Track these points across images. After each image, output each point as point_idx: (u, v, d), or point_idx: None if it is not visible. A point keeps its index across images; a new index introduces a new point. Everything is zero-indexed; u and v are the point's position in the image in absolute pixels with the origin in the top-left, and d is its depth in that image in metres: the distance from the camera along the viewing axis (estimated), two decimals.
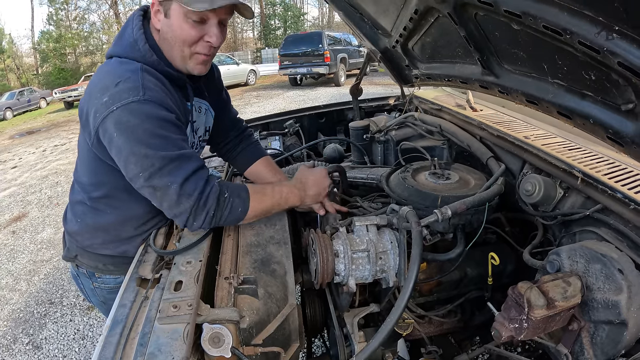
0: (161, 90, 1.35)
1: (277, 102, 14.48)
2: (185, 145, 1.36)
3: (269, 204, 1.57)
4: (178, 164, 1.31)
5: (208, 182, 1.37)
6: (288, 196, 1.64)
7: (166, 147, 1.29)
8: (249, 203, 1.48)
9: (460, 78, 2.03)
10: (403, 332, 1.66)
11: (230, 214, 1.44)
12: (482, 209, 1.60)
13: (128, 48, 1.39)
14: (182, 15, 1.34)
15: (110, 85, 1.30)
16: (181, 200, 1.33)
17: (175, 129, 1.35)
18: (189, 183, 1.32)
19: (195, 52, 1.44)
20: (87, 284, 1.78)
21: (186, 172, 1.32)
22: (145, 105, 1.27)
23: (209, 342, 1.12)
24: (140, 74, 1.32)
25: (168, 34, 1.40)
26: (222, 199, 1.40)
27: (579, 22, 1.04)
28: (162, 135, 1.30)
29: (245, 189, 1.49)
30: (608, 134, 1.25)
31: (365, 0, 2.34)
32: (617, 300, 1.15)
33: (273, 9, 45.98)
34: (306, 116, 3.70)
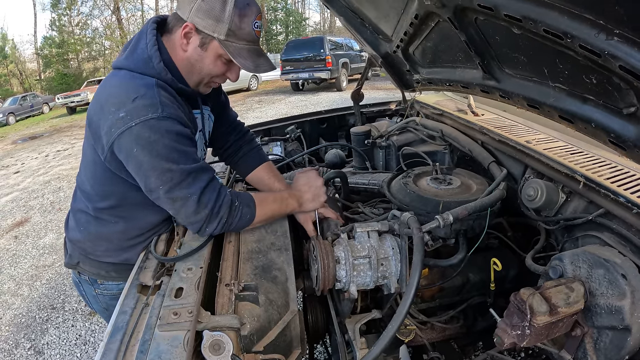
0: (176, 106, 1.39)
1: (279, 108, 14.50)
2: (197, 157, 1.44)
3: (271, 211, 1.64)
4: (195, 175, 1.38)
5: (220, 192, 1.45)
6: (288, 202, 1.69)
7: (184, 160, 1.36)
8: (256, 211, 1.55)
9: (461, 83, 2.02)
10: (405, 339, 1.66)
11: (240, 220, 1.52)
12: (484, 214, 1.60)
13: (141, 64, 1.40)
14: (218, 54, 1.44)
15: (126, 101, 1.31)
16: (199, 210, 1.40)
17: (190, 143, 1.42)
18: (205, 194, 1.40)
19: (213, 81, 1.57)
20: (90, 290, 1.78)
21: (202, 184, 1.40)
22: (164, 122, 1.32)
23: (210, 349, 1.11)
24: (157, 90, 1.35)
25: (197, 62, 1.47)
26: (233, 208, 1.47)
27: (580, 26, 1.04)
28: (180, 149, 1.36)
29: (251, 198, 1.56)
30: (610, 137, 1.24)
31: (366, 6, 2.34)
32: (621, 306, 1.14)
33: (275, 14, 46.11)
34: (308, 121, 3.70)
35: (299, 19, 46.61)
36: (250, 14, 1.39)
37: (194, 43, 1.43)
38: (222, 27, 1.36)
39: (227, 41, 1.39)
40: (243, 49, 1.42)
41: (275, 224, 1.76)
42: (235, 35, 1.39)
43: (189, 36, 1.42)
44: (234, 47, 1.41)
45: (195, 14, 1.37)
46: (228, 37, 1.38)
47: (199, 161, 1.42)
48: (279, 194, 1.73)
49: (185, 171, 1.36)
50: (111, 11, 38.23)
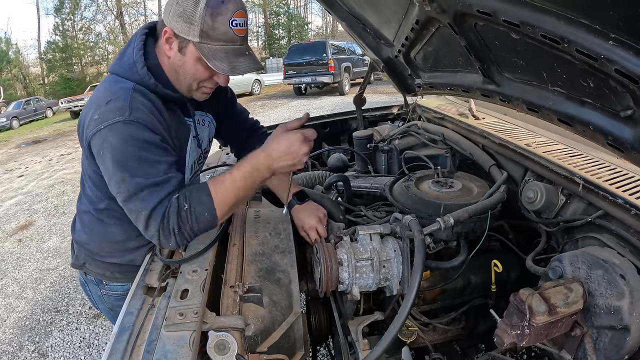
0: (150, 112, 1.36)
1: (282, 112, 14.53)
2: (165, 167, 1.36)
3: (234, 194, 1.41)
4: (150, 191, 1.31)
5: (171, 204, 1.34)
6: (253, 175, 1.42)
7: (143, 172, 1.31)
8: (214, 204, 1.37)
9: (462, 87, 2.04)
10: (407, 340, 1.67)
11: (198, 223, 1.37)
12: (484, 216, 1.61)
13: (127, 68, 1.41)
14: (196, 57, 1.39)
15: (102, 103, 1.33)
16: (149, 225, 1.33)
17: (158, 151, 1.35)
18: (156, 210, 1.32)
19: (203, 86, 1.51)
20: (95, 291, 1.80)
21: (155, 201, 1.31)
22: (129, 126, 1.29)
23: (215, 349, 1.13)
24: (131, 94, 1.34)
25: (179, 68, 1.44)
26: (182, 214, 1.34)
27: (576, 31, 1.06)
28: (142, 157, 1.31)
29: (206, 191, 1.37)
30: (608, 140, 1.26)
31: (368, 11, 2.37)
32: (620, 306, 1.16)
33: (277, 18, 46.20)
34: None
35: (301, 23, 46.65)
36: (225, 12, 1.32)
37: (175, 48, 1.40)
38: (195, 28, 1.32)
39: (201, 43, 1.34)
40: (219, 50, 1.36)
41: (279, 227, 1.78)
42: (209, 37, 1.33)
43: (170, 41, 1.40)
44: (209, 48, 1.35)
45: (172, 18, 1.35)
46: (202, 38, 1.33)
47: (162, 174, 1.34)
48: (237, 170, 1.42)
49: (140, 186, 1.30)
50: (114, 16, 38.44)
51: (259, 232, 1.74)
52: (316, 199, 2.00)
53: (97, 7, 37.77)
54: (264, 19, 46.53)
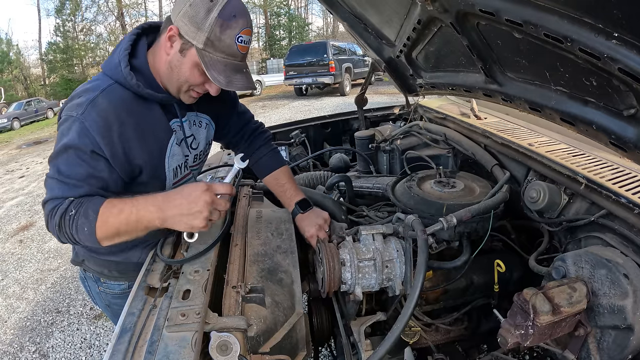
0: (108, 116, 1.34)
1: (283, 112, 14.54)
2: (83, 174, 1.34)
3: (115, 224, 1.33)
4: (57, 182, 1.35)
5: (62, 202, 1.34)
6: (141, 214, 1.34)
7: (64, 166, 1.34)
8: (96, 223, 1.31)
9: (464, 87, 2.04)
10: (410, 340, 1.67)
11: (78, 233, 1.33)
12: (487, 216, 1.61)
13: (113, 68, 1.41)
14: (195, 62, 1.38)
15: (74, 96, 1.38)
16: (43, 208, 1.38)
17: (85, 157, 1.34)
18: (51, 202, 1.35)
19: (192, 90, 1.49)
20: (94, 287, 1.82)
21: (54, 194, 1.35)
22: (75, 124, 1.31)
23: (217, 350, 1.12)
24: (97, 94, 1.35)
25: (175, 68, 1.43)
26: (66, 217, 1.32)
27: (579, 30, 1.06)
28: (70, 155, 1.34)
29: (95, 208, 1.32)
30: (611, 139, 1.25)
31: (369, 11, 2.36)
32: (623, 305, 1.16)
33: (278, 19, 46.18)
34: (312, 126, 3.71)
35: (302, 24, 46.63)
36: (234, 26, 1.33)
37: (176, 47, 1.39)
38: (201, 35, 1.32)
39: (204, 50, 1.34)
40: (219, 62, 1.36)
41: (281, 227, 1.78)
42: (214, 46, 1.34)
43: (173, 40, 1.39)
44: (210, 57, 1.36)
45: (181, 18, 1.34)
46: (206, 46, 1.34)
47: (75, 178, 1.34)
48: (131, 204, 1.35)
49: (54, 174, 1.35)
50: (115, 17, 38.47)
51: (261, 232, 1.74)
52: (318, 200, 2.00)
53: (98, 8, 37.86)
54: (265, 19, 46.52)
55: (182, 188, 1.38)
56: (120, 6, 38.05)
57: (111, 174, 1.40)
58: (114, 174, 1.41)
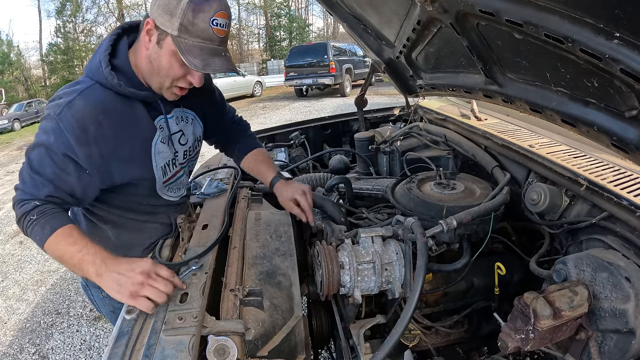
0: (85, 116, 1.34)
1: (283, 113, 14.54)
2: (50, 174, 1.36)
3: (62, 251, 1.33)
4: (29, 177, 1.37)
5: (29, 199, 1.37)
6: (83, 264, 1.31)
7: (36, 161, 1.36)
8: (47, 240, 1.33)
9: (464, 87, 2.03)
10: (409, 343, 1.66)
11: (32, 235, 1.37)
12: (487, 218, 1.60)
13: (94, 69, 1.41)
14: (172, 52, 1.36)
15: (56, 97, 1.39)
16: (13, 198, 1.42)
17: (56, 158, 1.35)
18: (20, 193, 1.39)
19: (176, 85, 1.47)
20: (97, 294, 1.78)
21: (23, 186, 1.38)
22: (51, 122, 1.33)
23: (214, 354, 1.12)
24: (75, 96, 1.35)
25: (154, 61, 1.41)
26: (27, 218, 1.35)
27: (580, 30, 1.05)
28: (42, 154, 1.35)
29: (52, 228, 1.33)
30: (612, 140, 1.24)
31: (368, 12, 2.35)
32: (625, 309, 1.15)
33: (278, 20, 46.29)
34: (312, 127, 3.71)
35: (302, 25, 46.71)
36: (207, 9, 1.31)
37: (154, 40, 1.38)
38: (175, 21, 1.30)
39: (179, 37, 1.32)
40: (195, 47, 1.34)
41: (279, 230, 1.77)
42: (188, 32, 1.32)
43: (150, 33, 1.38)
44: (185, 43, 1.33)
45: (156, 10, 1.33)
46: (180, 32, 1.31)
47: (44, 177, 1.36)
48: (85, 249, 1.32)
49: (27, 167, 1.37)
50: (115, 18, 38.59)
51: (259, 234, 1.73)
52: (317, 202, 1.99)
53: (98, 10, 38.03)
54: (265, 20, 46.64)
55: (129, 260, 1.34)
56: (121, 7, 38.19)
57: (80, 179, 1.39)
58: (83, 180, 1.40)
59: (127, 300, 1.25)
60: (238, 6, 46.99)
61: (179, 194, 1.76)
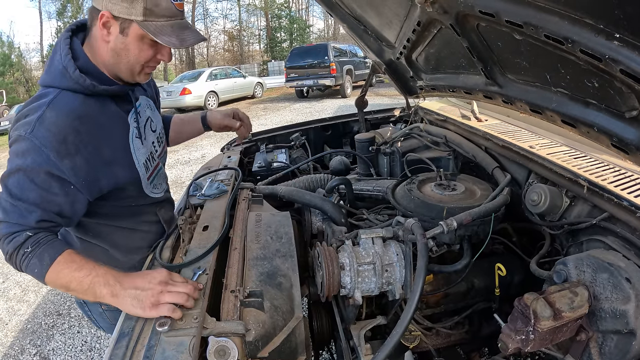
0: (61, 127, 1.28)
1: (284, 115, 14.53)
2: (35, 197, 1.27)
3: (68, 278, 1.27)
4: (11, 205, 1.27)
5: (17, 232, 1.28)
6: (95, 287, 1.26)
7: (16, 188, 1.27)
8: (48, 271, 1.26)
9: (464, 88, 2.03)
10: (410, 344, 1.66)
11: (26, 269, 1.28)
12: (488, 219, 1.60)
13: (59, 76, 1.35)
14: (140, 36, 1.34)
15: (21, 117, 1.31)
16: None
17: (39, 179, 1.27)
18: (3, 226, 1.28)
19: (147, 66, 1.46)
20: (95, 309, 1.73)
21: (8, 217, 1.27)
22: (24, 143, 1.25)
23: (215, 355, 1.12)
24: (44, 109, 1.28)
25: (122, 51, 1.38)
26: (20, 252, 1.26)
27: (580, 31, 1.05)
28: (21, 177, 1.26)
29: (51, 257, 1.26)
30: (613, 141, 1.24)
31: (368, 13, 2.36)
32: (625, 310, 1.14)
33: (279, 21, 46.26)
34: (312, 129, 3.71)
35: (303, 26, 46.68)
36: None
37: (115, 31, 1.34)
38: (138, 7, 1.28)
39: (146, 21, 1.30)
40: (165, 26, 1.33)
41: (280, 231, 1.77)
42: (153, 13, 1.30)
43: (108, 25, 1.33)
44: (155, 25, 1.31)
45: (108, 1, 1.29)
46: (146, 16, 1.29)
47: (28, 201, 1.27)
48: (91, 270, 1.27)
49: (7, 197, 1.27)
50: None
51: (260, 236, 1.73)
52: (317, 203, 1.99)
53: None
54: (266, 22, 46.63)
55: (143, 273, 1.33)
56: None
57: (67, 196, 1.33)
58: (70, 196, 1.34)
59: (150, 313, 1.21)
60: (239, 7, 47.09)
61: (162, 188, 1.74)
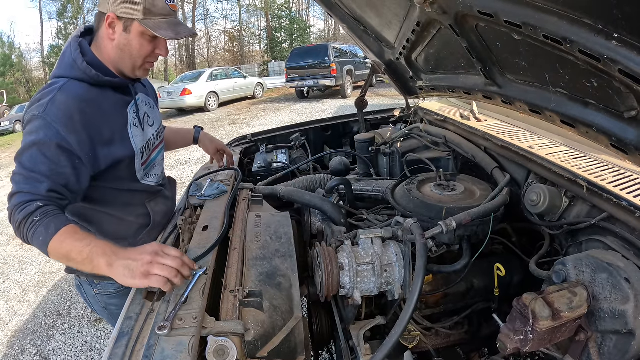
0: (69, 109, 1.47)
1: (284, 115, 14.53)
2: (45, 170, 1.41)
3: (69, 247, 1.34)
4: (24, 178, 1.41)
5: (29, 201, 1.38)
6: (93, 257, 1.32)
7: (29, 161, 1.42)
8: (52, 239, 1.34)
9: (463, 89, 2.03)
10: (409, 345, 1.66)
11: (34, 238, 1.36)
12: (487, 219, 1.60)
13: (69, 68, 1.57)
14: (141, 33, 1.56)
15: (34, 101, 1.50)
16: (9, 201, 1.44)
17: (50, 152, 1.42)
18: (17, 196, 1.41)
19: (147, 62, 1.67)
20: (89, 291, 1.86)
21: (22, 188, 1.40)
22: (37, 121, 1.43)
23: (214, 354, 1.11)
24: (55, 93, 1.48)
25: (125, 47, 1.59)
26: (29, 220, 1.36)
27: (579, 31, 1.05)
28: (34, 151, 1.42)
29: (57, 225, 1.36)
30: (612, 141, 1.24)
31: (368, 13, 2.36)
32: (624, 310, 1.14)
33: (279, 22, 46.26)
34: (312, 129, 3.71)
35: (303, 26, 46.65)
36: None
37: (119, 30, 1.56)
38: (138, 7, 1.50)
39: (145, 19, 1.53)
40: (162, 23, 1.56)
41: (279, 231, 1.77)
42: (152, 12, 1.53)
43: (113, 25, 1.55)
44: (153, 22, 1.54)
45: (113, 4, 1.52)
46: (145, 15, 1.52)
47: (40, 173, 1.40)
48: (91, 242, 1.34)
49: (20, 170, 1.42)
50: None
51: (259, 236, 1.73)
52: (317, 203, 1.99)
53: None
54: (266, 22, 46.64)
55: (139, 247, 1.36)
56: None
57: (74, 170, 1.47)
58: (77, 170, 1.48)
59: (140, 283, 1.26)
60: (239, 8, 47.10)
61: (155, 180, 1.88)
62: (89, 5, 37.54)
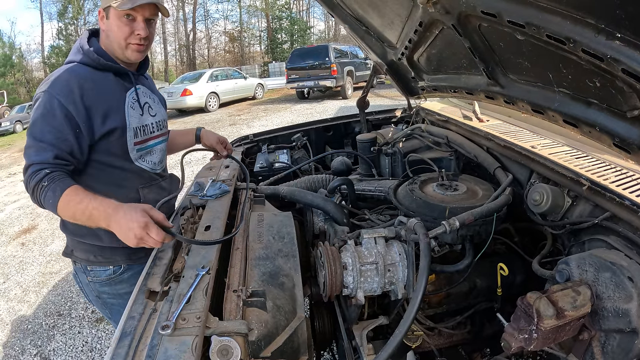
0: (71, 85, 1.66)
1: (285, 116, 14.53)
2: (51, 138, 1.60)
3: (72, 209, 1.53)
4: (35, 149, 1.60)
5: (40, 169, 1.56)
6: (93, 212, 1.50)
7: (38, 133, 1.61)
8: (59, 201, 1.52)
9: (466, 89, 2.03)
10: (412, 344, 1.66)
11: (45, 202, 1.55)
12: (490, 219, 1.60)
13: (75, 52, 1.79)
14: (116, 16, 1.73)
15: (44, 81, 1.71)
16: (25, 172, 1.61)
17: (55, 122, 1.62)
18: (31, 168, 1.58)
19: (130, 42, 1.79)
20: (83, 279, 1.94)
21: (34, 160, 1.58)
22: (45, 96, 1.63)
23: (217, 354, 1.11)
24: (62, 72, 1.70)
25: (110, 32, 1.78)
26: (39, 186, 1.54)
27: (582, 31, 1.05)
28: (41, 122, 1.61)
29: (62, 188, 1.53)
30: (614, 141, 1.24)
31: (370, 14, 2.36)
32: (628, 309, 1.14)
33: (280, 23, 46.26)
34: (313, 129, 3.71)
35: (303, 27, 46.65)
36: None
37: (104, 19, 1.77)
38: None
39: (117, 2, 1.69)
40: (128, 2, 1.69)
41: (282, 231, 1.77)
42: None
43: (101, 16, 1.79)
44: (121, 2, 1.69)
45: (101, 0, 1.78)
46: (119, 1, 1.68)
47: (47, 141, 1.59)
48: (91, 200, 1.51)
49: (31, 142, 1.61)
50: None
51: (262, 236, 1.73)
52: (319, 203, 1.99)
53: None
54: (267, 23, 46.65)
55: (129, 205, 1.48)
56: None
57: (77, 137, 1.66)
58: (79, 137, 1.67)
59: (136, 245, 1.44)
60: (240, 9, 47.13)
61: (150, 165, 1.99)
62: (89, 5, 37.60)
